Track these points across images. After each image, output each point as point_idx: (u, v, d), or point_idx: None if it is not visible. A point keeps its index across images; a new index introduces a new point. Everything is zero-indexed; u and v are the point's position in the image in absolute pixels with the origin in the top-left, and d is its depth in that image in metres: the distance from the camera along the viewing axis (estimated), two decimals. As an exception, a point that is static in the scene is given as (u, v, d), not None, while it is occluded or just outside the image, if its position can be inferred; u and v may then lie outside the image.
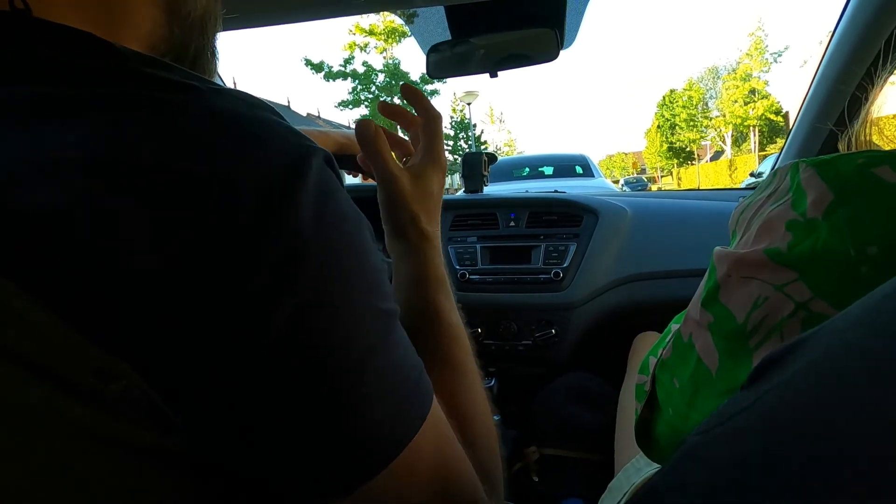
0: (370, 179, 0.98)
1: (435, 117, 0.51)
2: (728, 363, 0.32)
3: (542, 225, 1.20)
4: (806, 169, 0.30)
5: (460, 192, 1.67)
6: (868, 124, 0.36)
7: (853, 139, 0.37)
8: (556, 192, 1.36)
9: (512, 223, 1.22)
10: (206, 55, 0.36)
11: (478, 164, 1.42)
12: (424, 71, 1.08)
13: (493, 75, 1.07)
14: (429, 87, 16.43)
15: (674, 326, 0.47)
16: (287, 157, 0.26)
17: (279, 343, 0.24)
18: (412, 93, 0.52)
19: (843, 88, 0.96)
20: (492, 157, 1.48)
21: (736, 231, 0.37)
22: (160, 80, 0.25)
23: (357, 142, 0.64)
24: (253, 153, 0.25)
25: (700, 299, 0.35)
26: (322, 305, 0.25)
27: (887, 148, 0.36)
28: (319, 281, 0.25)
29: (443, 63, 1.07)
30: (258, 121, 0.26)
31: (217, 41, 0.38)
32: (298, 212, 0.25)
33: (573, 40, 1.09)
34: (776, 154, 1.29)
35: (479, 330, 1.15)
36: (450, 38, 1.04)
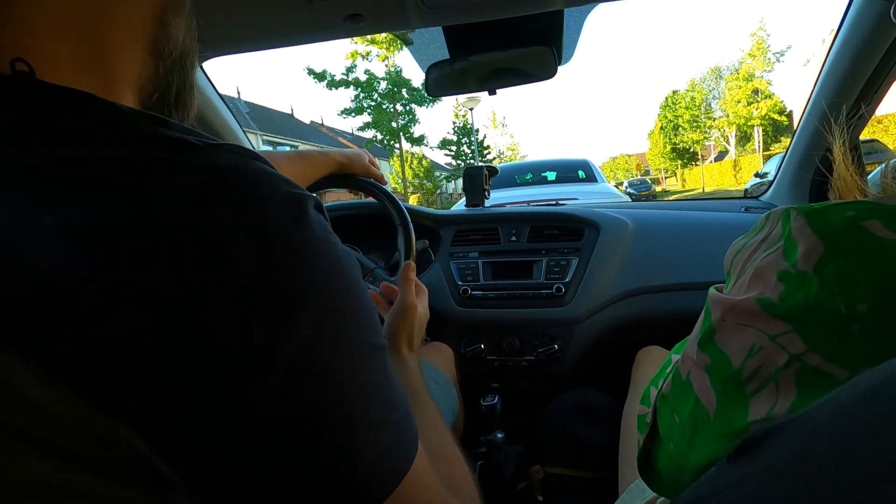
0: (369, 197, 0.99)
1: (408, 284, 0.65)
2: (726, 406, 0.32)
3: (543, 239, 1.20)
4: (797, 217, 0.30)
5: (461, 204, 1.68)
6: (848, 175, 0.36)
7: (837, 188, 0.37)
8: (557, 202, 1.36)
9: (513, 238, 1.22)
10: (186, 91, 0.38)
11: (479, 178, 1.42)
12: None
13: (492, 93, 1.08)
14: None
15: (674, 357, 0.47)
16: (282, 205, 0.27)
17: (284, 384, 0.25)
18: (405, 275, 0.67)
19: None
20: (493, 170, 1.48)
21: (731, 272, 0.37)
22: (161, 139, 0.26)
23: (356, 163, 0.66)
24: (251, 205, 0.26)
25: (697, 339, 0.35)
26: (322, 346, 0.26)
27: (894, 146, 0.36)
28: (318, 321, 0.26)
29: (442, 82, 1.08)
30: (254, 172, 0.27)
31: (195, 76, 0.39)
32: (295, 258, 0.26)
33: (571, 56, 1.09)
34: (781, 154, 1.29)
35: (482, 346, 1.15)
36: (448, 57, 1.04)
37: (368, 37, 15.00)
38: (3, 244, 0.23)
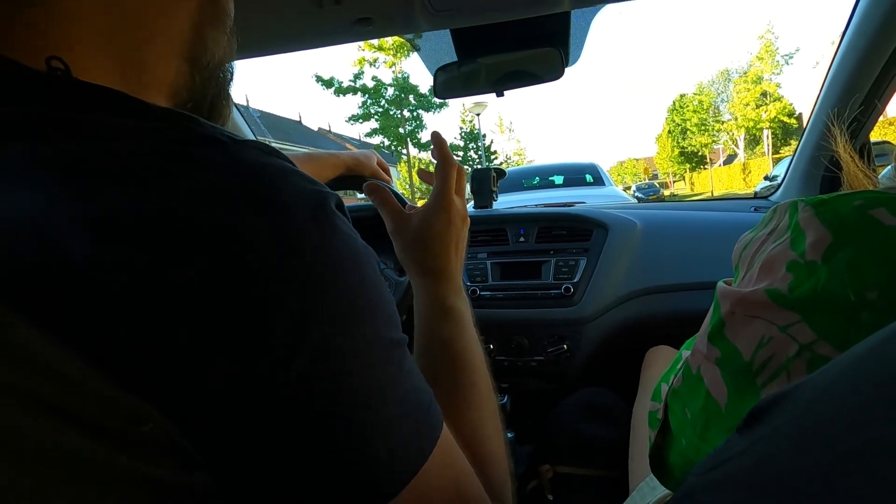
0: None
1: (445, 164, 0.54)
2: (736, 398, 0.33)
3: (551, 240, 1.20)
4: (804, 208, 0.31)
5: (469, 207, 1.68)
6: (860, 172, 0.37)
7: (848, 185, 0.37)
8: (565, 204, 1.36)
9: (521, 238, 1.22)
10: (222, 101, 0.39)
11: (486, 180, 1.43)
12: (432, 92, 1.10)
13: (500, 95, 1.09)
14: (438, 99, 16.59)
15: (684, 353, 0.47)
16: (304, 203, 0.28)
17: (301, 379, 0.25)
18: (437, 140, 0.57)
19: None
20: (500, 173, 1.49)
21: (739, 266, 0.37)
22: (188, 134, 0.27)
23: (364, 166, 0.66)
24: (274, 202, 0.27)
25: (706, 333, 0.36)
26: (341, 342, 0.27)
27: None
28: (339, 318, 0.27)
29: (450, 84, 1.09)
30: (278, 170, 0.28)
31: (231, 88, 0.40)
32: (316, 255, 0.27)
33: (578, 58, 1.10)
34: (790, 157, 1.28)
35: (492, 346, 1.15)
36: (456, 59, 1.05)
37: (376, 43, 15.14)
38: (34, 232, 0.23)
